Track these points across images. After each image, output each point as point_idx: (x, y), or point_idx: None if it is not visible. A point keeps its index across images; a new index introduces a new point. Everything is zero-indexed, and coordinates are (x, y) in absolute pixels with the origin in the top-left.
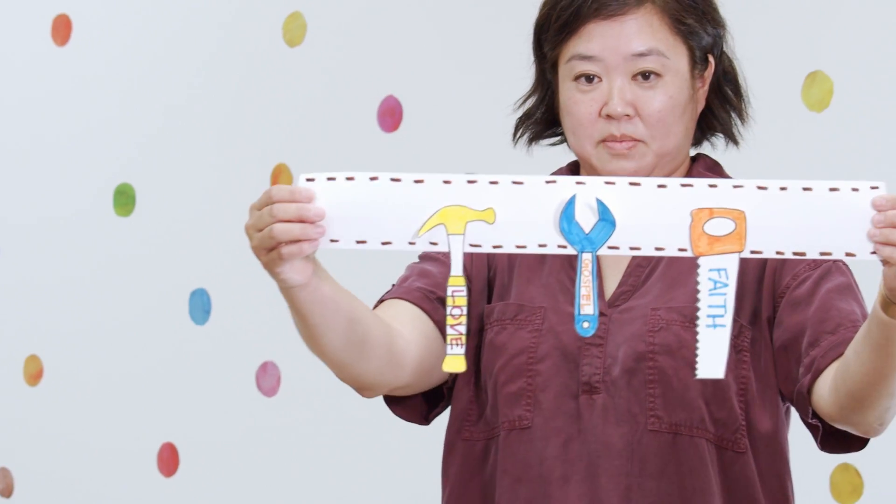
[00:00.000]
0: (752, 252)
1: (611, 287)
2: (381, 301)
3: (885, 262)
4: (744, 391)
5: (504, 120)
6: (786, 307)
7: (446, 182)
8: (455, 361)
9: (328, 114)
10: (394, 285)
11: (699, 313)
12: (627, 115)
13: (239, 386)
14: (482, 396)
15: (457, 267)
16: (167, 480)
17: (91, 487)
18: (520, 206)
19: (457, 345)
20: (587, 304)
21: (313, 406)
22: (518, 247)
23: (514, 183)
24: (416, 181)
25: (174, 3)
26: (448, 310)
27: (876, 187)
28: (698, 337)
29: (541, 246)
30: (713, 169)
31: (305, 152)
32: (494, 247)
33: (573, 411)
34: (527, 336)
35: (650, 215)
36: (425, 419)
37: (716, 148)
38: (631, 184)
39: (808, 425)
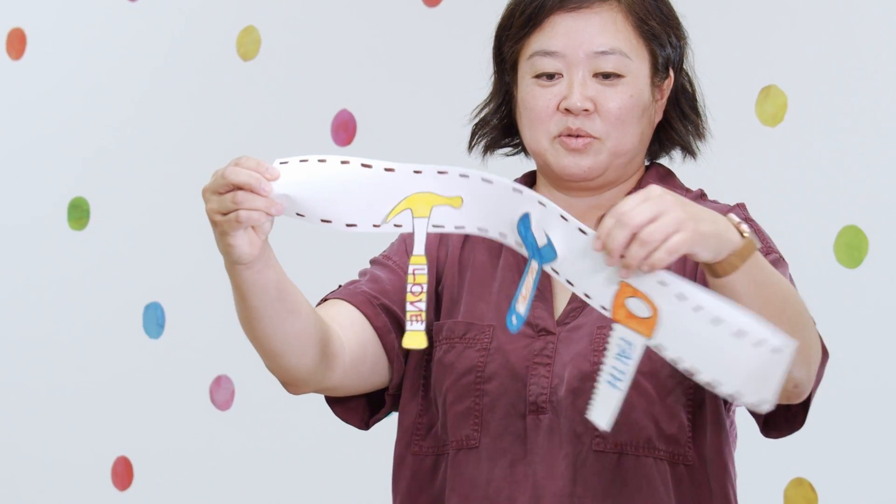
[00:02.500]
0: (655, 346)
1: (561, 304)
2: (324, 300)
3: (661, 264)
4: (691, 402)
5: (457, 134)
6: None
7: (417, 172)
8: (415, 337)
9: (282, 128)
10: (340, 286)
11: (602, 367)
12: (586, 111)
13: (193, 399)
14: (432, 410)
15: (419, 246)
16: (121, 494)
17: (45, 501)
18: (487, 202)
19: (416, 321)
20: (522, 304)
21: (267, 420)
22: (480, 228)
23: (484, 180)
24: (387, 169)
25: (129, 17)
26: (408, 287)
27: (787, 345)
28: (596, 385)
29: (501, 234)
30: (665, 178)
31: None
32: (457, 227)
33: (520, 431)
34: (475, 355)
35: (588, 265)
36: (365, 424)
37: (674, 161)
38: (580, 230)
39: (751, 412)
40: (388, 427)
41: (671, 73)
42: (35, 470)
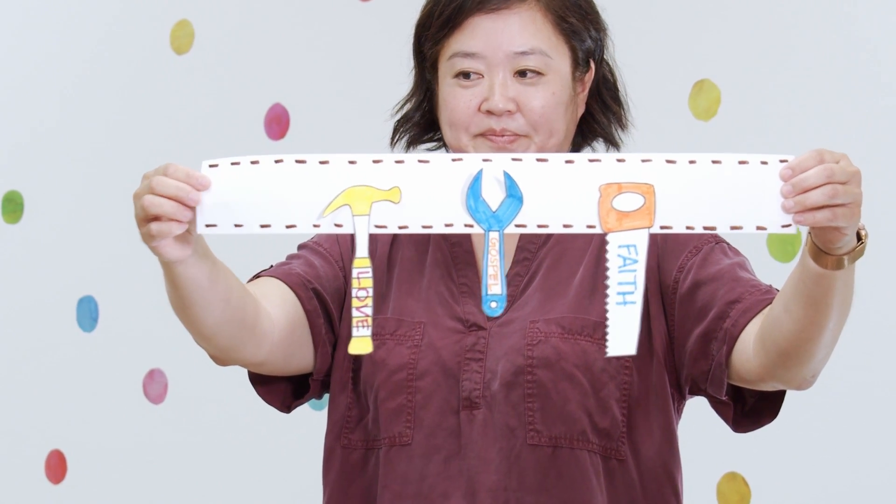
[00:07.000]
0: (662, 227)
1: None
2: (257, 276)
3: (822, 222)
4: (626, 397)
5: (390, 127)
6: (682, 301)
7: (351, 162)
8: (361, 343)
9: (215, 121)
10: (272, 265)
11: (608, 291)
12: (509, 111)
13: (126, 393)
14: (361, 403)
15: (362, 248)
16: (55, 487)
17: None
18: (426, 185)
19: (363, 326)
20: (495, 284)
21: (200, 413)
22: (424, 227)
23: (421, 161)
24: (322, 162)
25: (61, 8)
26: (353, 292)
27: (785, 160)
28: (608, 315)
29: (447, 225)
30: None
31: (193, 159)
32: (400, 227)
33: (454, 427)
34: (406, 352)
35: (558, 191)
36: (287, 407)
37: (596, 152)
38: (538, 160)
39: (720, 407)
40: (320, 419)
41: (592, 65)
42: None
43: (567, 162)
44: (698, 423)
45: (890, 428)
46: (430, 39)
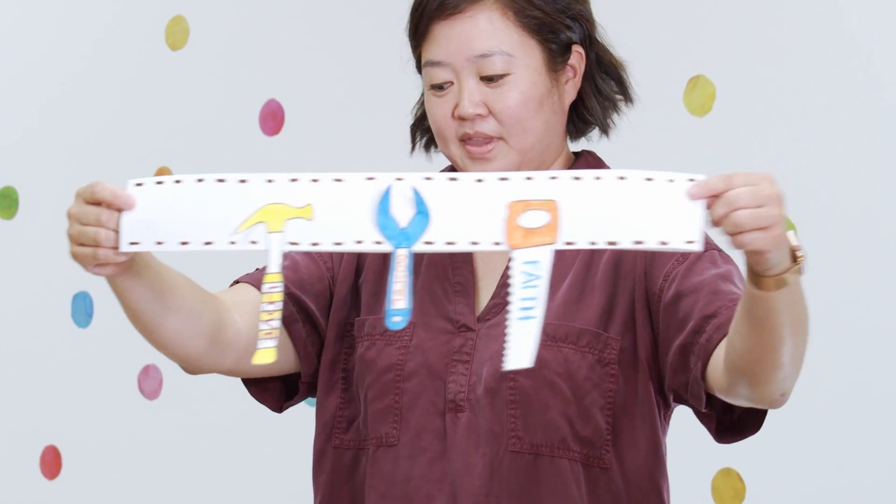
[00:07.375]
0: (567, 243)
1: (484, 300)
2: (236, 282)
3: (740, 247)
4: (611, 405)
5: (383, 124)
6: (665, 311)
7: (269, 181)
8: (265, 354)
9: (210, 117)
10: (257, 269)
11: (510, 307)
12: (480, 115)
13: (121, 389)
14: (354, 404)
15: (274, 264)
16: (50, 483)
17: None
18: (340, 203)
19: (268, 339)
20: (399, 300)
21: (195, 409)
22: (336, 244)
23: (335, 180)
24: (241, 181)
25: (57, 4)
26: (262, 305)
27: (692, 180)
28: (507, 330)
29: (357, 242)
30: (595, 167)
31: (188, 156)
32: (313, 244)
33: (439, 430)
34: (395, 353)
35: (467, 210)
36: (280, 407)
37: (591, 140)
38: (450, 179)
39: (703, 417)
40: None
41: (581, 51)
42: None
43: (478, 181)
44: (693, 419)
45: (885, 425)
46: (411, 48)
